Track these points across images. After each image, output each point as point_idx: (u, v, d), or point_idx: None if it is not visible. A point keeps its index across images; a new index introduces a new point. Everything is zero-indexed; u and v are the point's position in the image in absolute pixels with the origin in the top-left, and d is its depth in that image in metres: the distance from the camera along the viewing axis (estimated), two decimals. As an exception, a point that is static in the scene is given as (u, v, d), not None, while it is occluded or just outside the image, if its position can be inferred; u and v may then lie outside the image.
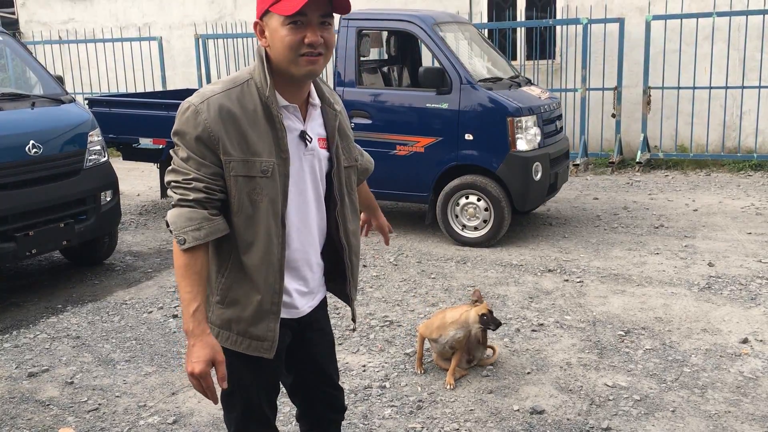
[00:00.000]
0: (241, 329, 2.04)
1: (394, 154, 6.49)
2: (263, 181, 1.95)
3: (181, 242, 1.90)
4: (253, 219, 1.97)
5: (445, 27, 6.68)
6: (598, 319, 4.60)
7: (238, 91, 1.95)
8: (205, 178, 1.92)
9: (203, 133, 1.90)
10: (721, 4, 9.22)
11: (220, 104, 1.91)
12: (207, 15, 12.39)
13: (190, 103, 1.94)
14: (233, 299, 2.03)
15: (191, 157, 1.92)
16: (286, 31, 1.89)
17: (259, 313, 2.03)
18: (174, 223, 1.92)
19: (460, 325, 3.82)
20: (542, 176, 6.23)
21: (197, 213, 1.91)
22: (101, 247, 6.06)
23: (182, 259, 1.92)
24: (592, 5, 9.85)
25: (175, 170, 1.95)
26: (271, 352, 2.07)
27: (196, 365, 1.90)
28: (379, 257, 6.07)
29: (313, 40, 1.89)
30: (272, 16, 1.91)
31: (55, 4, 13.61)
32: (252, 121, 1.94)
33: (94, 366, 4.20)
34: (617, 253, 5.95)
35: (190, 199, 1.91)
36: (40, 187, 5.15)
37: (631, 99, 9.72)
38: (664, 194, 8.02)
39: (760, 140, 9.26)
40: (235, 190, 1.95)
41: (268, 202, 1.97)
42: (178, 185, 1.93)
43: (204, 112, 1.90)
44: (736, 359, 3.98)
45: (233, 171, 1.93)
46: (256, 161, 1.94)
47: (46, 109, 5.53)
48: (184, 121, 1.93)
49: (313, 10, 1.88)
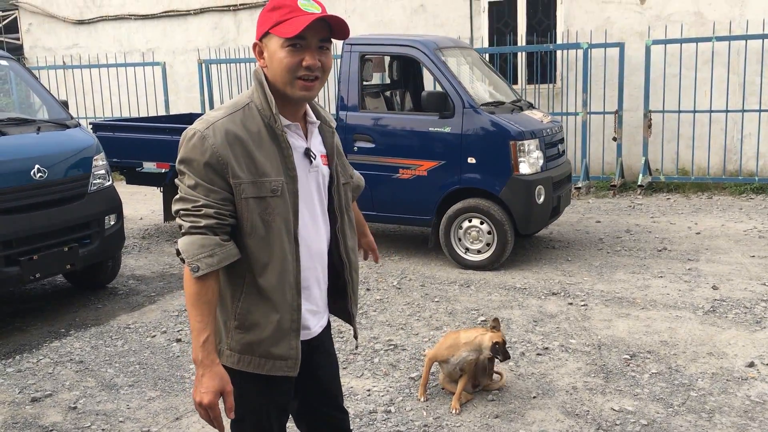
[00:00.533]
0: (264, 351, 2.03)
1: (397, 178, 6.52)
2: (274, 201, 1.96)
3: (195, 270, 1.89)
4: (267, 239, 1.97)
5: (447, 52, 6.73)
6: (603, 343, 4.59)
7: (240, 115, 1.97)
8: (215, 203, 1.92)
9: (211, 159, 1.90)
10: (720, 29, 9.30)
11: (226, 128, 1.92)
12: (210, 40, 12.51)
13: (195, 129, 1.94)
14: (253, 322, 2.01)
15: (199, 184, 1.92)
16: (284, 53, 1.92)
17: (280, 333, 2.03)
18: (186, 251, 1.90)
19: (473, 348, 3.80)
20: (545, 199, 6.25)
21: (209, 239, 1.91)
22: (104, 270, 6.06)
23: (194, 287, 1.91)
24: (592, 30, 9.94)
25: (184, 198, 1.94)
26: (295, 369, 2.07)
27: (204, 396, 1.90)
28: (383, 281, 6.07)
29: (311, 63, 1.93)
30: (272, 37, 1.94)
31: (60, 30, 13.74)
32: (257, 143, 1.95)
33: (98, 391, 4.18)
34: (621, 276, 5.94)
35: (201, 225, 1.90)
36: (45, 211, 5.16)
37: (632, 123, 9.77)
38: (666, 217, 8.02)
39: (761, 163, 9.28)
40: (247, 212, 1.95)
41: (281, 221, 1.98)
42: (187, 213, 1.93)
43: (210, 138, 1.91)
44: (742, 383, 3.96)
45: (244, 193, 1.93)
46: (266, 181, 1.95)
47: (51, 134, 5.56)
48: (191, 148, 1.93)
49: (313, 35, 1.92)
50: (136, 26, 13.10)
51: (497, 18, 10.65)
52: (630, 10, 9.83)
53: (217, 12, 12.40)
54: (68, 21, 13.60)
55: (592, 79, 9.70)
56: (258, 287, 2.00)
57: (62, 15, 13.62)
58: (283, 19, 1.91)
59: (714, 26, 9.32)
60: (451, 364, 3.87)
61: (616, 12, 9.90)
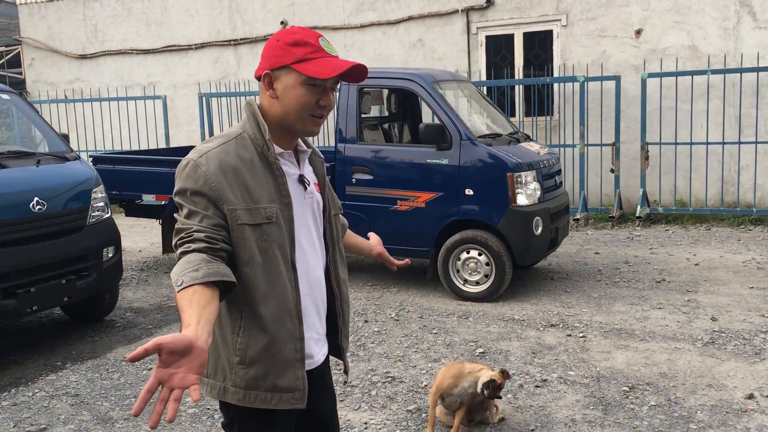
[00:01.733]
0: (269, 385, 1.99)
1: (395, 210, 6.54)
2: (269, 228, 1.96)
3: (179, 284, 1.78)
4: (265, 267, 1.96)
5: (444, 85, 6.80)
6: (602, 375, 4.56)
7: (233, 144, 1.98)
8: (207, 228, 1.90)
9: (204, 186, 1.91)
10: (715, 63, 9.41)
11: (219, 157, 1.94)
12: (211, 74, 12.64)
13: (189, 159, 1.96)
14: (254, 356, 1.98)
15: (193, 212, 1.92)
16: (304, 91, 1.95)
17: (284, 364, 2.00)
18: (175, 272, 1.87)
19: (474, 380, 3.78)
20: (543, 231, 6.26)
21: (195, 256, 1.84)
22: (102, 303, 6.04)
23: (178, 300, 1.76)
24: (589, 63, 10.05)
25: (179, 229, 1.94)
26: (303, 401, 2.04)
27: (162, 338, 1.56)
28: (381, 312, 6.05)
29: (328, 104, 1.98)
30: (291, 72, 1.95)
31: (62, 64, 13.90)
32: (251, 171, 1.96)
33: (93, 425, 4.15)
34: (620, 308, 5.93)
35: (191, 249, 1.88)
36: (43, 243, 5.16)
37: (629, 154, 9.83)
38: (664, 248, 8.03)
39: (758, 195, 9.32)
40: (243, 239, 1.94)
41: (277, 249, 1.97)
42: (181, 240, 1.92)
43: (204, 165, 1.92)
44: (742, 415, 3.93)
45: (239, 220, 1.93)
46: (260, 209, 1.95)
47: (50, 167, 5.60)
48: (185, 177, 1.94)
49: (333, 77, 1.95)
50: (137, 60, 13.26)
51: (495, 52, 10.78)
52: (626, 44, 9.95)
53: (217, 46, 12.56)
54: (71, 56, 13.76)
55: (589, 111, 9.79)
56: (258, 319, 1.97)
57: (65, 50, 13.79)
58: (309, 58, 1.93)
59: (709, 59, 9.43)
60: (455, 395, 3.82)
61: (612, 46, 10.02)
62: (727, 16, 9.41)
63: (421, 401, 4.26)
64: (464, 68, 10.76)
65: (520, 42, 10.57)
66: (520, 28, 10.53)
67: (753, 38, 9.30)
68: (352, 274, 7.34)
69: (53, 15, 13.82)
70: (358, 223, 6.63)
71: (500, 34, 10.68)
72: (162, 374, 1.54)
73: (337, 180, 6.76)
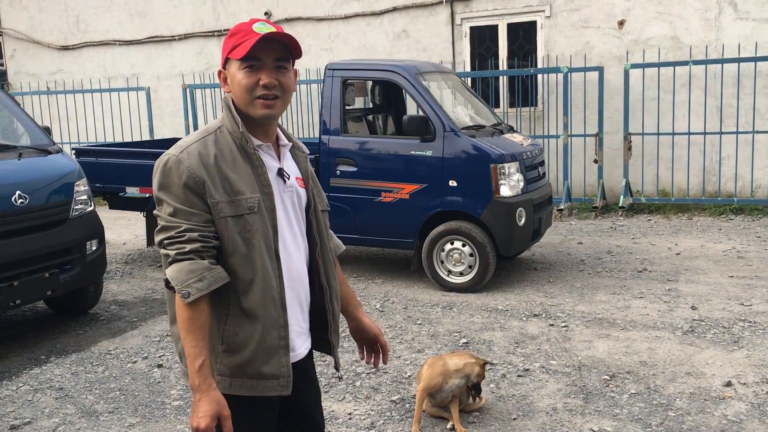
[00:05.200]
0: (253, 372, 2.03)
1: (380, 201, 6.56)
2: (252, 218, 1.99)
3: (186, 296, 1.89)
4: (249, 257, 1.99)
5: (428, 76, 6.82)
6: (583, 364, 4.62)
7: (212, 138, 2.02)
8: (198, 226, 1.93)
9: (189, 180, 1.93)
10: (697, 53, 9.48)
11: (199, 151, 1.97)
12: (194, 65, 12.57)
13: (170, 155, 1.98)
14: (240, 344, 2.01)
15: (179, 209, 1.93)
16: (242, 75, 2.00)
17: (269, 351, 2.03)
18: (175, 278, 1.91)
19: (464, 375, 3.82)
20: (526, 221, 6.30)
21: (197, 264, 1.91)
22: (86, 296, 6.03)
23: (186, 313, 1.91)
24: (572, 54, 10.10)
25: (165, 227, 1.95)
26: (288, 388, 2.08)
27: (201, 420, 1.89)
28: (366, 304, 6.08)
29: (267, 81, 2.00)
30: (232, 62, 2.03)
31: (44, 55, 13.77)
32: (231, 163, 2.00)
33: (77, 418, 4.16)
34: (602, 298, 5.99)
35: (187, 251, 1.91)
36: (26, 237, 5.14)
37: (612, 145, 9.90)
38: (647, 238, 8.11)
39: (739, 185, 9.42)
40: (227, 231, 1.97)
41: (261, 237, 2.00)
42: (171, 240, 1.93)
43: (186, 160, 1.95)
44: (720, 402, 4.00)
45: (222, 212, 1.96)
46: (241, 199, 1.98)
47: (32, 160, 5.57)
48: (167, 173, 1.96)
49: (268, 55, 1.99)
50: (120, 52, 13.16)
51: (479, 43, 10.79)
52: (609, 35, 10.00)
53: (201, 37, 12.49)
54: (53, 47, 13.64)
55: (573, 102, 9.84)
56: (243, 307, 2.01)
57: (46, 41, 13.66)
58: (238, 43, 1.99)
59: (691, 50, 9.50)
60: (445, 391, 3.83)
61: (595, 37, 10.07)
62: (709, 7, 9.47)
63: (405, 392, 4.31)
64: (449, 59, 10.77)
65: (504, 33, 10.60)
66: (504, 18, 10.55)
67: (734, 29, 9.38)
68: (337, 266, 7.35)
69: (34, 5, 13.67)
70: (343, 215, 6.67)
71: (484, 24, 10.69)
72: None
73: (321, 172, 6.77)
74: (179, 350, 2.06)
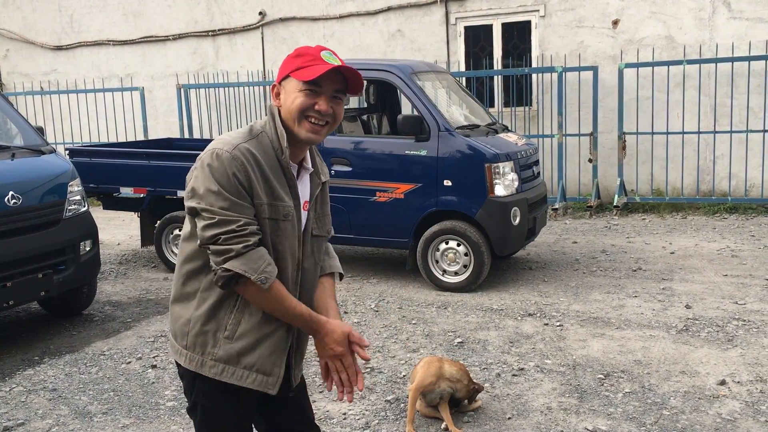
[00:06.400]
0: (250, 363, 2.06)
1: (374, 201, 6.55)
2: (284, 225, 2.06)
3: (264, 281, 1.96)
4: (275, 259, 2.04)
5: (422, 76, 6.82)
6: (578, 363, 4.62)
7: (256, 142, 2.06)
8: (251, 220, 1.99)
9: (242, 177, 1.97)
10: (691, 53, 9.50)
11: (249, 149, 2.02)
12: (189, 65, 12.55)
13: (222, 150, 1.99)
14: (244, 332, 2.06)
15: (234, 203, 1.96)
16: (300, 95, 2.04)
17: (271, 347, 2.09)
18: (249, 269, 1.94)
19: (454, 385, 3.82)
20: (521, 221, 6.31)
21: (261, 251, 1.99)
22: (80, 297, 6.00)
23: (270, 294, 2.00)
24: (567, 54, 10.11)
25: (221, 221, 1.95)
26: (275, 388, 2.12)
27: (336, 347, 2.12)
28: (361, 304, 6.08)
29: (323, 108, 2.05)
30: (291, 80, 2.07)
31: (38, 55, 13.73)
32: (271, 168, 2.05)
33: (71, 419, 4.14)
34: (596, 297, 6.00)
35: (251, 243, 1.97)
36: (19, 237, 5.12)
37: (606, 144, 9.91)
38: (641, 237, 8.12)
39: (733, 184, 9.44)
40: (263, 232, 2.03)
41: (287, 245, 2.07)
42: (233, 235, 1.95)
43: (240, 158, 1.98)
44: (714, 401, 4.00)
45: (264, 214, 2.02)
46: (280, 205, 2.05)
47: (25, 160, 5.55)
48: (220, 166, 1.96)
49: (329, 83, 2.05)
50: (114, 52, 13.12)
51: (473, 42, 10.80)
52: (603, 35, 10.02)
53: (195, 37, 12.46)
54: (46, 47, 13.59)
55: (567, 101, 9.85)
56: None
57: (40, 41, 13.62)
58: (304, 66, 2.04)
59: (685, 50, 9.52)
60: (435, 393, 3.83)
61: (590, 36, 10.08)
62: (703, 7, 9.50)
63: (400, 391, 4.30)
64: (443, 59, 10.77)
65: (498, 32, 10.60)
66: (499, 18, 10.55)
67: (728, 28, 9.40)
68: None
69: (28, 5, 13.63)
70: (338, 215, 6.65)
71: (479, 24, 10.70)
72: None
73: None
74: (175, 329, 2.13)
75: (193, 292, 2.08)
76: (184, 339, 2.09)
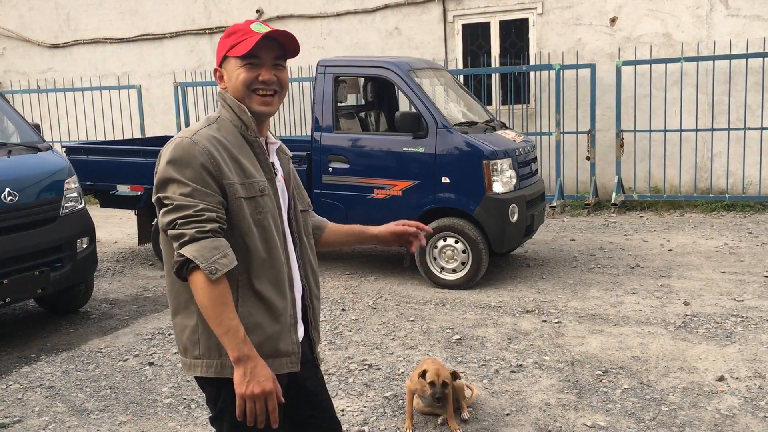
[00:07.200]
0: (269, 350, 2.04)
1: (372, 198, 6.54)
2: (263, 200, 2.05)
3: (213, 272, 1.89)
4: (262, 237, 2.03)
5: (420, 73, 6.80)
6: (576, 359, 4.61)
7: (216, 126, 2.07)
8: (213, 207, 1.95)
9: (205, 161, 1.96)
10: (689, 50, 9.50)
11: (210, 134, 2.02)
12: (186, 63, 12.52)
13: (183, 137, 2.01)
14: (255, 323, 2.02)
15: (196, 189, 1.94)
16: (242, 71, 2.06)
17: (282, 328, 2.07)
18: (200, 255, 1.88)
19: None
20: (519, 218, 6.30)
21: (219, 241, 1.93)
22: (77, 294, 5.99)
23: (215, 290, 1.90)
24: (564, 51, 10.10)
25: (180, 206, 1.93)
26: (297, 365, 2.12)
27: (266, 383, 1.93)
28: (359, 300, 6.06)
29: (267, 77, 2.06)
30: (230, 60, 2.08)
31: (35, 53, 13.69)
32: (238, 148, 2.05)
33: (68, 416, 4.13)
34: (594, 294, 5.99)
35: (207, 230, 1.92)
36: (16, 234, 5.10)
37: (604, 142, 9.90)
38: (639, 235, 8.12)
39: (731, 181, 9.44)
40: (242, 212, 2.00)
41: (270, 219, 2.06)
42: (189, 219, 1.91)
43: (200, 142, 1.98)
44: (713, 397, 4.00)
45: (237, 194, 2.00)
46: (253, 182, 2.04)
47: (22, 157, 5.53)
48: (182, 154, 1.96)
49: (266, 53, 2.06)
50: (111, 50, 13.09)
51: (471, 40, 10.78)
52: (600, 32, 10.01)
53: (192, 35, 12.43)
54: (43, 45, 13.55)
55: (565, 99, 9.84)
56: (254, 288, 2.03)
57: (37, 39, 13.58)
58: (238, 42, 2.06)
59: (682, 47, 9.51)
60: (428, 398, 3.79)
61: (587, 34, 10.08)
62: (700, 4, 9.49)
63: (398, 388, 4.29)
64: (441, 56, 10.76)
65: (496, 30, 10.59)
66: (497, 16, 10.54)
67: (725, 26, 9.40)
68: (329, 263, 7.35)
69: (25, 3, 13.58)
70: (335, 212, 6.65)
71: (477, 22, 10.68)
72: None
73: (313, 169, 6.75)
74: (184, 342, 2.05)
75: (190, 297, 2.00)
76: (195, 348, 2.03)
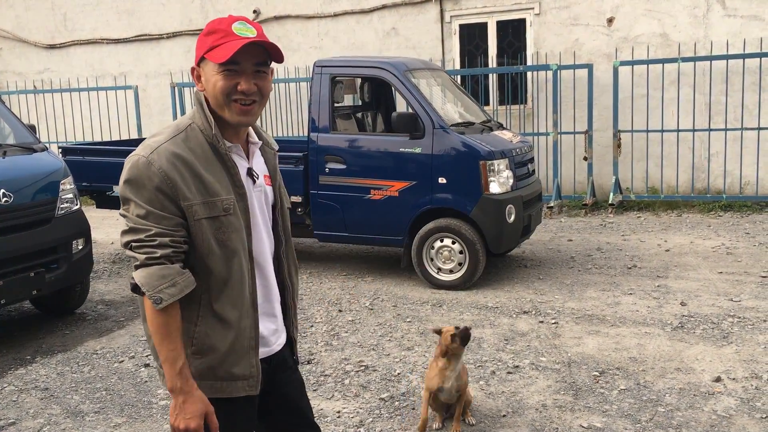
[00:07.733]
0: (223, 373, 2.00)
1: (369, 199, 6.53)
2: (227, 219, 1.96)
3: (158, 302, 1.84)
4: (223, 257, 1.96)
5: (417, 73, 6.79)
6: (573, 360, 4.60)
7: (183, 137, 1.94)
8: (168, 231, 1.88)
9: (161, 183, 1.86)
10: (686, 51, 9.50)
11: (170, 151, 1.90)
12: (183, 64, 12.49)
13: (139, 155, 1.90)
14: (211, 345, 1.98)
15: (150, 212, 1.87)
16: (219, 78, 1.92)
17: (240, 352, 2.01)
18: (146, 283, 1.86)
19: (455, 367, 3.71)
20: (515, 218, 6.29)
21: (168, 269, 1.87)
22: (72, 296, 5.97)
23: (160, 318, 1.87)
24: (562, 52, 10.09)
25: (135, 229, 1.89)
26: (256, 388, 2.06)
27: (191, 421, 1.89)
28: (355, 301, 6.05)
29: (246, 88, 1.92)
30: (208, 63, 1.94)
31: (31, 54, 13.66)
32: (204, 163, 1.93)
33: (63, 418, 4.11)
34: (591, 294, 5.98)
35: (158, 256, 1.86)
36: (11, 235, 5.08)
37: (601, 142, 9.90)
38: (636, 235, 8.11)
39: (728, 181, 9.44)
40: (202, 233, 1.93)
41: (237, 239, 1.98)
42: (141, 244, 1.87)
43: (156, 161, 1.87)
44: (709, 398, 3.99)
45: (196, 215, 1.91)
46: (217, 201, 1.94)
47: (17, 158, 5.51)
48: (137, 174, 1.88)
49: (247, 59, 1.91)
50: (108, 50, 13.06)
51: (468, 40, 10.77)
52: (598, 33, 10.00)
53: (189, 35, 12.40)
54: (39, 45, 13.52)
55: (562, 99, 9.83)
56: (214, 309, 1.97)
57: (33, 39, 13.55)
58: (217, 44, 1.91)
59: (679, 47, 9.51)
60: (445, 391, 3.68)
61: (585, 34, 10.07)
62: (697, 4, 9.49)
63: (395, 389, 4.28)
64: (438, 57, 10.74)
65: (493, 30, 10.58)
66: (494, 16, 10.53)
67: (723, 26, 9.40)
68: (327, 264, 7.34)
69: (21, 3, 13.55)
70: (332, 212, 6.64)
71: (474, 22, 10.67)
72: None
73: (310, 169, 6.74)
74: (152, 347, 2.03)
75: None
76: (158, 359, 2.02)
